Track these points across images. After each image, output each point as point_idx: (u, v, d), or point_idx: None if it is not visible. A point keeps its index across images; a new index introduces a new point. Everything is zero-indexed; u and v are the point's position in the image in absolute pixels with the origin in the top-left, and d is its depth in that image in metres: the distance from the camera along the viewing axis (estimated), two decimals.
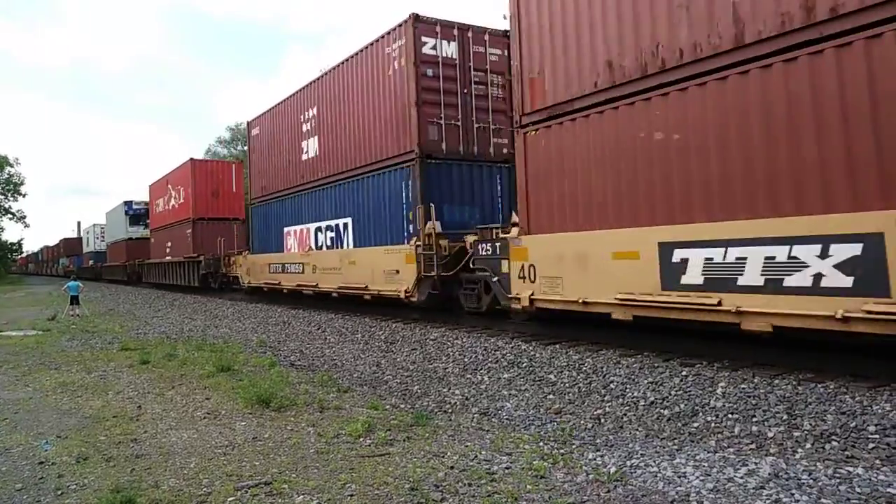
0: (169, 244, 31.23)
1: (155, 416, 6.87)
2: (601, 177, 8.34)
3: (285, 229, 18.53)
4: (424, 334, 11.45)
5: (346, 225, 15.19)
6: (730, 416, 5.91)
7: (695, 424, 5.97)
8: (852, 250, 5.66)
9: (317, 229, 16.66)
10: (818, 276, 5.91)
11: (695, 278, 7.03)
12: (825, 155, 6.02)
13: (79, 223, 65.38)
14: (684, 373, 7.04)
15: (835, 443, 5.11)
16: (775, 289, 6.26)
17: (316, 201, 16.69)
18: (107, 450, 5.67)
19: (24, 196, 64.37)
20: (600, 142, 8.36)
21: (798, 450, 5.14)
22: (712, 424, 5.88)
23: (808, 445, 5.17)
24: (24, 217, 64.84)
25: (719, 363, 7.21)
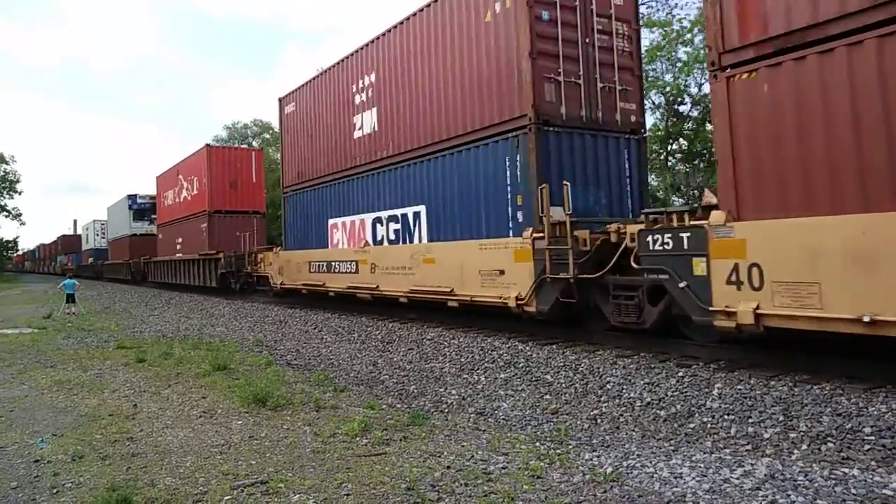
0: (180, 240, 28.63)
1: (151, 414, 6.85)
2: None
3: (330, 221, 15.92)
4: (421, 334, 11.45)
5: (417, 215, 12.47)
6: (726, 417, 5.93)
7: (691, 425, 5.98)
8: None
9: (375, 220, 13.93)
10: None
11: None
12: None
13: (75, 221, 65.13)
14: (681, 374, 7.05)
15: (831, 444, 5.13)
16: None
17: (373, 187, 14.04)
18: (102, 448, 5.65)
19: (19, 194, 64.26)
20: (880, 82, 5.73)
21: (794, 451, 5.15)
22: (708, 425, 5.89)
23: (805, 447, 5.18)
24: (20, 215, 64.68)
25: (715, 364, 7.23)
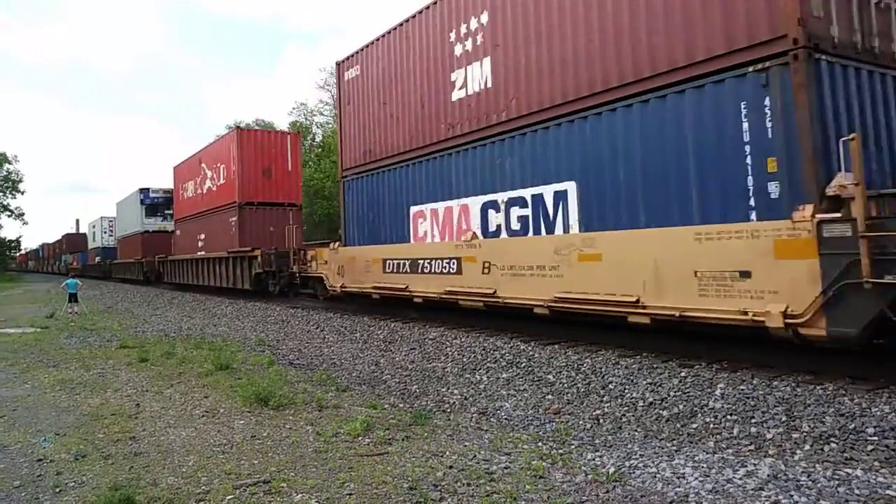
0: (202, 236, 25.81)
1: (153, 414, 6.86)
2: None
3: (413, 209, 12.66)
4: (423, 334, 11.44)
5: (560, 195, 9.18)
6: (728, 417, 5.91)
7: (693, 425, 5.97)
8: None
9: (486, 206, 10.71)
10: None
11: None
12: None
13: (77, 221, 65.17)
14: (683, 374, 7.04)
15: (833, 444, 5.12)
16: None
17: (482, 162, 10.82)
18: (105, 447, 5.66)
19: (22, 193, 64.33)
20: None
21: (797, 451, 5.15)
22: (711, 425, 5.88)
23: (807, 447, 5.17)
24: (23, 214, 64.94)
25: (718, 364, 7.22)
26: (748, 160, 6.99)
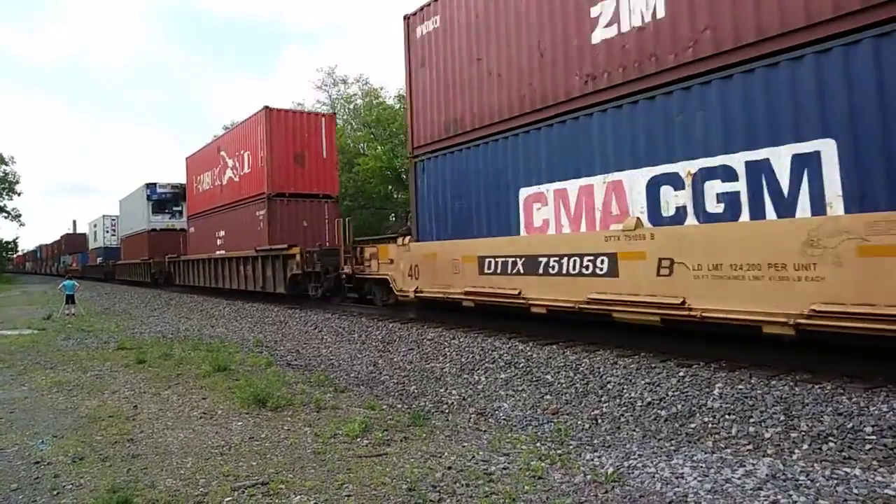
0: (221, 233, 23.09)
1: (151, 415, 6.85)
2: None
3: (525, 192, 9.74)
4: (421, 334, 11.44)
5: (805, 160, 6.37)
6: (727, 416, 5.92)
7: (692, 425, 5.98)
8: None
9: (658, 181, 7.80)
10: None
11: None
12: None
13: (74, 222, 64.92)
14: (681, 373, 7.04)
15: (832, 444, 5.12)
16: None
17: (648, 121, 7.92)
18: (103, 449, 5.64)
19: (19, 195, 64.25)
20: None
21: (795, 451, 5.15)
22: (709, 425, 5.88)
23: (806, 446, 5.18)
24: (20, 215, 64.77)
25: (716, 364, 7.22)
26: None
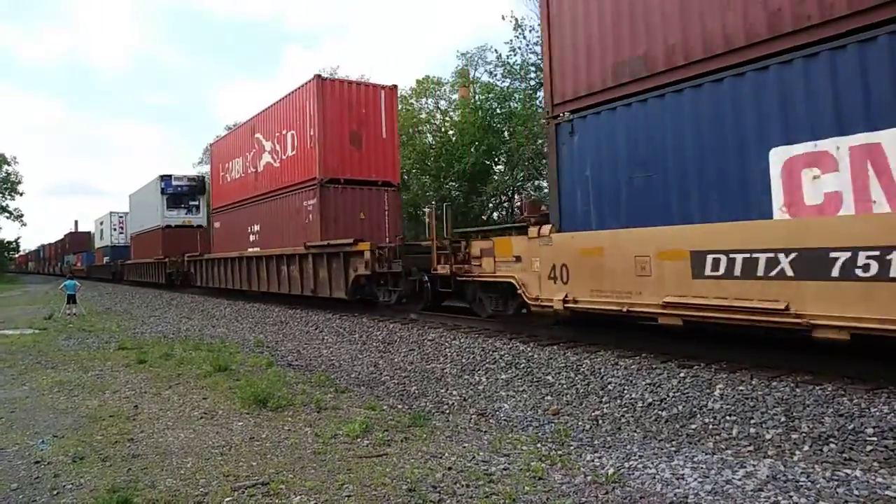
0: (256, 227, 20.28)
1: (152, 415, 6.85)
2: None
3: (782, 153, 6.43)
4: (422, 335, 11.43)
5: None
6: (728, 417, 5.91)
7: (693, 426, 5.97)
8: None
9: None
10: None
11: None
12: None
13: (76, 222, 64.81)
14: (682, 374, 7.03)
15: (833, 445, 5.11)
16: None
17: None
18: (103, 449, 5.64)
19: (21, 195, 64.38)
20: None
21: (796, 452, 5.14)
22: (710, 426, 5.88)
23: (806, 447, 5.17)
24: (22, 216, 64.96)
25: (717, 365, 7.21)
26: None
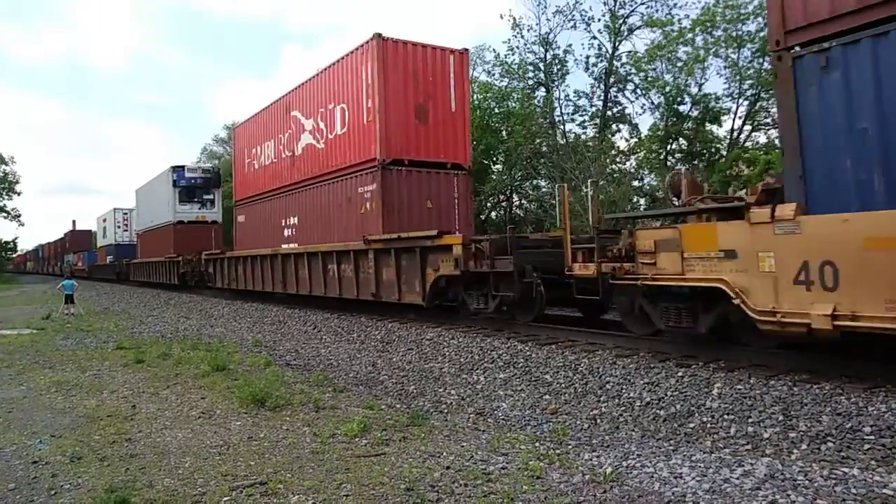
0: (292, 220, 17.45)
1: (150, 415, 6.84)
2: None
3: None
4: (420, 334, 11.42)
5: None
6: (725, 416, 5.92)
7: (691, 425, 5.97)
8: None
9: None
10: None
11: None
12: None
13: (74, 222, 64.36)
14: (680, 374, 7.04)
15: (830, 444, 5.12)
16: None
17: None
18: (101, 449, 5.64)
19: (18, 195, 64.18)
20: None
21: (794, 451, 5.15)
22: (708, 425, 5.88)
23: (804, 446, 5.18)
24: (19, 215, 64.73)
25: (715, 364, 7.22)
26: None
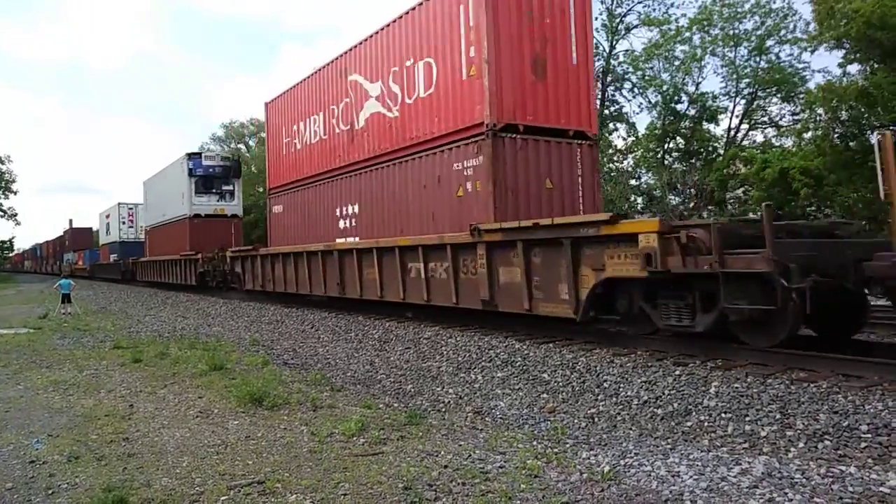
0: (350, 209, 14.42)
1: (147, 414, 6.83)
2: None
3: None
4: (418, 333, 11.42)
5: None
6: (723, 415, 5.92)
7: (688, 423, 5.98)
8: None
9: None
10: None
11: None
12: None
13: (70, 221, 63.94)
14: (677, 372, 7.05)
15: (827, 442, 5.13)
16: None
17: None
18: (98, 449, 5.63)
19: (15, 194, 63.91)
20: None
21: (791, 449, 5.16)
22: (705, 423, 5.89)
23: (801, 444, 5.19)
24: (16, 215, 64.53)
25: (712, 363, 7.23)
26: None
